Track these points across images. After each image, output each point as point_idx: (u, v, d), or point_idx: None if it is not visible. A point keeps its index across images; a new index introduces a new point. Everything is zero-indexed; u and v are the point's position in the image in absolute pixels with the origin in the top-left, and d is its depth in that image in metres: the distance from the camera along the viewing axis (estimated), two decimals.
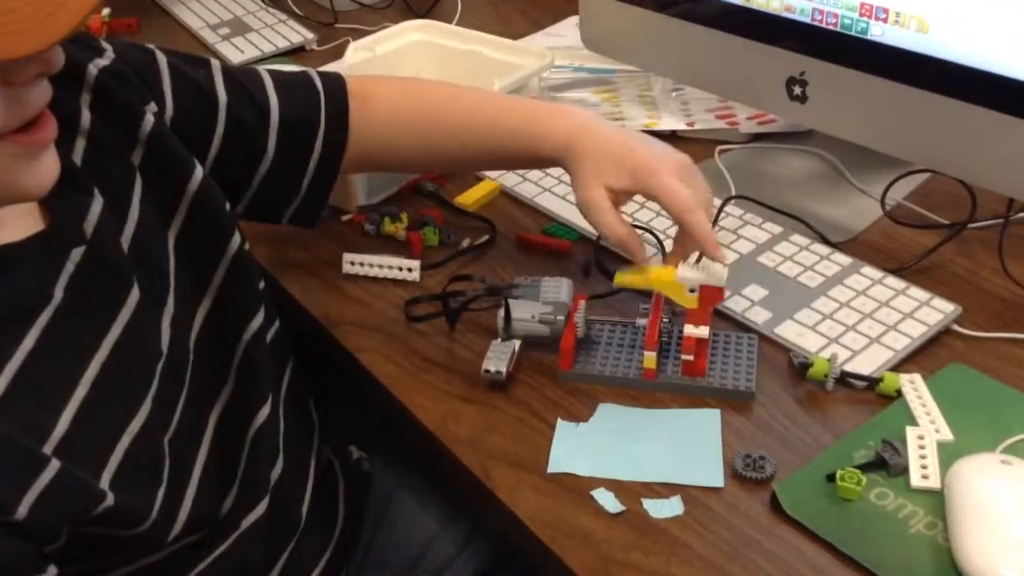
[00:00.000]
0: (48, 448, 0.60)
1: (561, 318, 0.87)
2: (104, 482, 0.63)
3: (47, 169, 0.61)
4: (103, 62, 0.74)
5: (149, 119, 0.74)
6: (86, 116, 0.71)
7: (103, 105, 0.72)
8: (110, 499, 0.63)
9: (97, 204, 0.68)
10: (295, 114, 0.86)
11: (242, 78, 0.85)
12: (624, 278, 0.84)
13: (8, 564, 0.58)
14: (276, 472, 0.80)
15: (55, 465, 0.60)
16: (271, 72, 0.88)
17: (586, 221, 0.87)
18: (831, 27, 0.94)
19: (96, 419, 0.64)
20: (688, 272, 0.79)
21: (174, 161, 0.76)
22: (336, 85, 0.90)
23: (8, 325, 0.61)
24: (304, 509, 0.86)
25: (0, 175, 0.59)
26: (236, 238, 0.80)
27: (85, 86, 0.72)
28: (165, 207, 0.75)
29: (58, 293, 0.64)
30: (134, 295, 0.68)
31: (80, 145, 0.71)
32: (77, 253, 0.66)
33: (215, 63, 0.85)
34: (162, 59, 0.80)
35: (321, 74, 0.91)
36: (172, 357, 0.71)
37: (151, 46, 0.81)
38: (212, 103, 0.82)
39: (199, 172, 0.77)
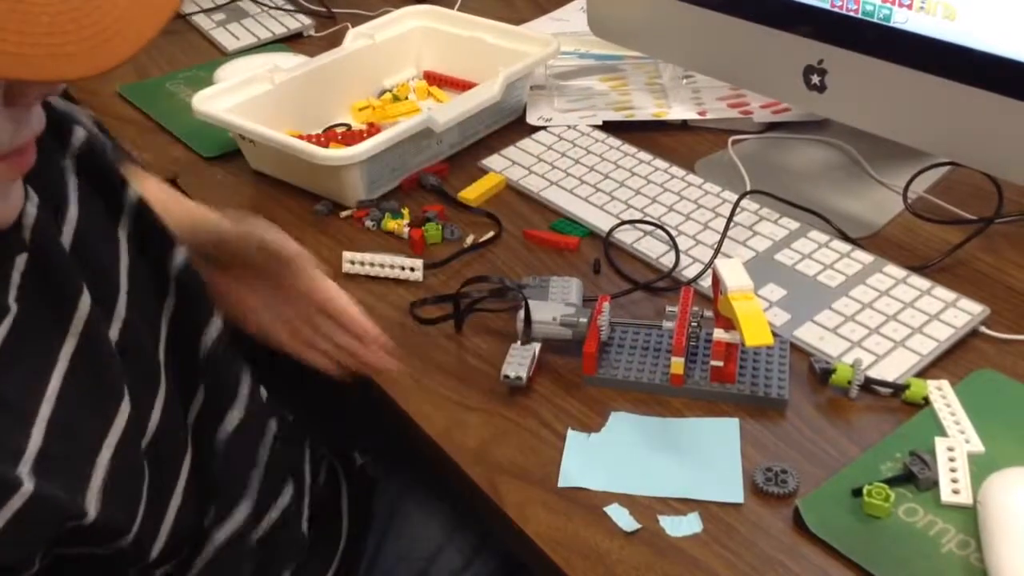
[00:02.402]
0: (24, 468, 0.57)
1: (584, 320, 0.83)
2: (88, 498, 0.60)
3: (19, 195, 0.59)
4: None
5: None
6: None
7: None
8: (91, 516, 0.59)
9: (31, 205, 0.64)
10: None
11: None
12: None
13: None
14: (255, 482, 0.76)
15: (27, 490, 0.56)
16: None
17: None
18: (852, 13, 0.90)
19: (71, 434, 0.60)
20: None
21: (107, 163, 0.72)
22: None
23: None
24: (304, 526, 0.82)
25: None
26: None
27: None
28: (109, 205, 0.71)
29: (12, 305, 0.60)
30: (85, 300, 0.64)
31: None
32: (21, 260, 0.62)
33: None
34: None
35: None
36: (135, 362, 0.67)
37: None
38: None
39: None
